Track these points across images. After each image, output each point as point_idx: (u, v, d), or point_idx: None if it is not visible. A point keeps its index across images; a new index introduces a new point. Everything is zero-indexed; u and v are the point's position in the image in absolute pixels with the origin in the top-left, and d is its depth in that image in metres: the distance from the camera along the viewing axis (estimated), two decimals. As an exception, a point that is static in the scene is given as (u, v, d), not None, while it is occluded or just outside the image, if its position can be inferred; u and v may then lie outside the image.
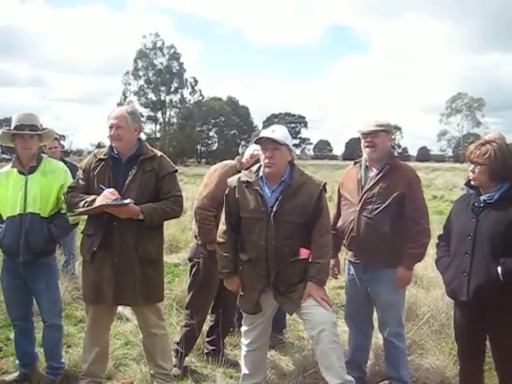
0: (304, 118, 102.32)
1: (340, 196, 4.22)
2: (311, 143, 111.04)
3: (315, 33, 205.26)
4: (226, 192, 3.66)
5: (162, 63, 75.58)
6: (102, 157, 3.83)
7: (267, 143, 3.47)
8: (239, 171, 3.96)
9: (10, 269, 4.08)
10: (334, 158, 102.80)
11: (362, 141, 4.02)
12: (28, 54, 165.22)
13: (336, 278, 4.51)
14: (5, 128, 4.18)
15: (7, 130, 4.07)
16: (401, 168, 3.98)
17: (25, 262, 3.95)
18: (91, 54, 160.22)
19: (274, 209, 3.45)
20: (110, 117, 3.80)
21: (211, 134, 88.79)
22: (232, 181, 3.67)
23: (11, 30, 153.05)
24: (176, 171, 3.99)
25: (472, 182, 3.35)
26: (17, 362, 4.32)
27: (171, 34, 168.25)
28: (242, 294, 3.65)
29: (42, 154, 4.29)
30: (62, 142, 7.63)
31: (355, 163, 4.21)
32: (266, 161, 3.46)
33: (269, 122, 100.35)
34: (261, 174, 3.56)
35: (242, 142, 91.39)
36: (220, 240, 3.68)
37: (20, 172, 4.04)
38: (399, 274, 3.88)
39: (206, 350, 4.66)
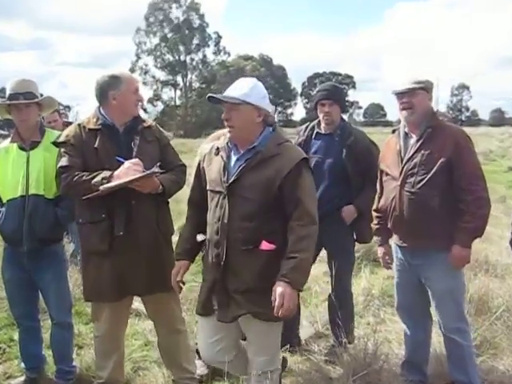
0: (352, 77, 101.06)
1: (381, 172, 4.24)
2: (361, 107, 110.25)
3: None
4: (198, 162, 3.63)
5: (178, 18, 75.53)
6: (93, 127, 3.82)
7: (224, 102, 3.28)
8: None
9: (12, 259, 4.20)
10: (389, 124, 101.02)
11: (398, 103, 4.00)
12: (28, 13, 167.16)
13: (389, 269, 4.53)
14: None
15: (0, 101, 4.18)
16: (445, 129, 3.92)
17: (29, 251, 4.04)
18: (100, 10, 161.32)
19: (232, 179, 3.25)
20: (134, 79, 3.95)
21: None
22: (205, 148, 3.64)
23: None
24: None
25: None
26: (22, 365, 4.46)
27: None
28: (179, 279, 3.50)
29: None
30: (67, 113, 7.76)
31: (393, 131, 4.22)
32: (225, 123, 3.32)
33: (310, 83, 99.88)
34: (227, 139, 3.43)
35: (279, 108, 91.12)
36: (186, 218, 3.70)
37: (21, 148, 4.13)
38: (454, 253, 3.82)
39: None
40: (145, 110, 74.48)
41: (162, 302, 3.97)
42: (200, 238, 3.49)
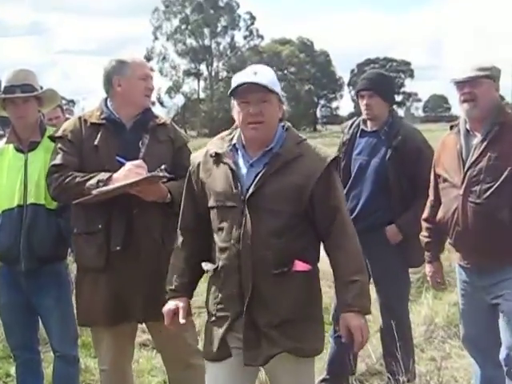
0: (409, 64, 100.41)
1: (436, 176, 4.17)
2: (420, 100, 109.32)
3: None
4: (188, 174, 3.38)
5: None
6: (95, 121, 3.87)
7: (249, 92, 3.05)
8: None
9: (8, 280, 4.25)
10: (454, 119, 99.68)
11: (458, 93, 3.92)
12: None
13: (440, 290, 4.48)
14: None
15: None
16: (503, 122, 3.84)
17: (27, 270, 4.08)
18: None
19: (251, 190, 3.04)
20: (143, 64, 3.99)
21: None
22: (196, 157, 3.37)
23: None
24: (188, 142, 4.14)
25: None
26: (20, 405, 4.51)
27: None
28: (182, 321, 3.22)
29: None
30: (71, 109, 7.82)
31: (451, 127, 4.15)
32: (250, 119, 3.06)
33: (359, 71, 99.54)
34: (235, 140, 3.22)
35: (322, 102, 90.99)
36: (176, 243, 3.41)
37: (17, 149, 4.18)
38: None
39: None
40: (161, 104, 75.14)
41: (170, 330, 3.74)
42: (208, 267, 3.20)
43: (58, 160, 3.78)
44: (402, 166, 4.55)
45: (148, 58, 72.19)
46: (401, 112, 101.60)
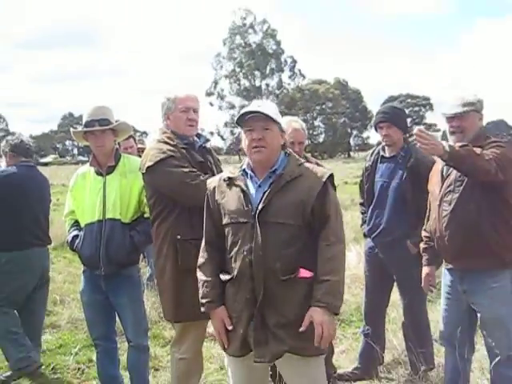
0: (429, 99, 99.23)
1: (429, 193, 4.15)
2: (439, 130, 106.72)
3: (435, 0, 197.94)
4: (206, 197, 3.34)
5: (254, 42, 76.81)
6: (182, 145, 3.92)
7: (253, 121, 3.07)
8: None
9: (90, 282, 4.31)
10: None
11: (447, 125, 3.89)
12: (109, 43, 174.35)
13: (431, 292, 4.43)
14: (74, 127, 4.44)
15: (75, 129, 4.32)
16: (483, 146, 3.76)
17: (106, 274, 4.14)
18: (177, 40, 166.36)
19: (260, 206, 3.04)
20: (185, 98, 3.99)
21: (316, 123, 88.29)
22: (212, 182, 3.34)
23: (90, 19, 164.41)
24: None
25: None
26: (100, 386, 4.56)
27: (268, 12, 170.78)
28: (230, 328, 3.16)
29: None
30: (144, 139, 7.89)
31: None
32: (254, 144, 3.07)
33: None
34: (244, 166, 3.22)
35: (354, 132, 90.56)
36: (199, 260, 3.32)
37: (98, 173, 4.25)
38: None
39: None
40: (222, 137, 75.87)
41: None
42: (226, 277, 3.17)
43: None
44: (419, 184, 4.43)
45: (209, 95, 73.12)
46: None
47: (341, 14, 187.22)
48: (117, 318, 4.44)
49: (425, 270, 4.23)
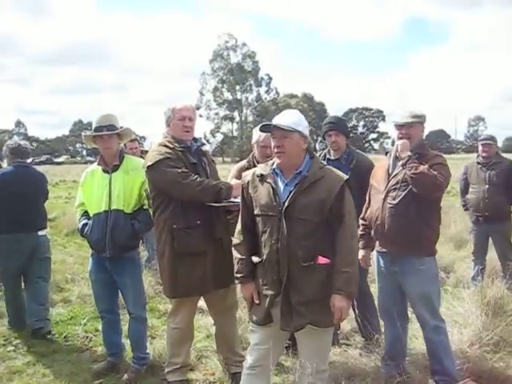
0: (382, 111, 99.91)
1: (370, 186, 4.17)
2: (389, 137, 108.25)
3: (391, 27, 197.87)
4: (241, 188, 3.35)
5: (235, 63, 76.75)
6: (179, 148, 3.88)
7: (275, 130, 3.10)
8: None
9: (97, 263, 4.29)
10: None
11: (397, 132, 3.96)
12: (113, 61, 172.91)
13: (366, 268, 4.44)
14: (84, 131, 4.41)
15: (87, 133, 4.30)
16: (428, 155, 3.89)
17: (110, 256, 4.12)
18: (170, 58, 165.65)
19: (286, 204, 3.05)
20: (182, 108, 3.95)
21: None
22: (246, 175, 3.34)
23: (96, 40, 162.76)
24: None
25: None
26: (105, 351, 4.55)
27: (248, 35, 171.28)
28: (257, 301, 3.22)
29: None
30: (142, 143, 7.89)
31: (386, 153, 4.15)
32: (275, 150, 3.12)
33: (346, 117, 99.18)
34: (274, 165, 3.21)
35: (319, 139, 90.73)
36: (235, 241, 3.36)
37: (104, 171, 4.23)
38: None
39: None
40: (207, 141, 75.64)
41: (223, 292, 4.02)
42: (256, 259, 3.21)
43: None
44: (362, 182, 4.31)
45: (198, 107, 72.84)
46: (376, 146, 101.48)
47: (310, 38, 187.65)
48: (119, 294, 4.42)
49: (361, 252, 4.19)
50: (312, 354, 3.17)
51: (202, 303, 4.78)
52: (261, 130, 3.28)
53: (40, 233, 5.34)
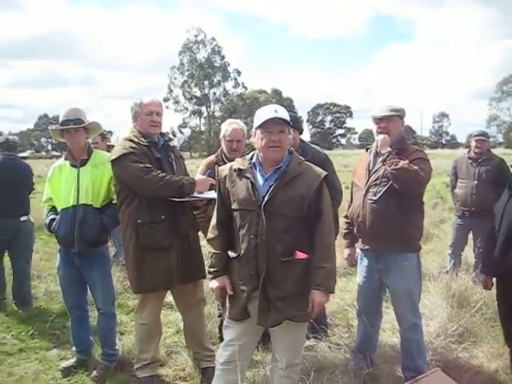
0: (349, 107, 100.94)
1: (352, 184, 4.17)
2: (356, 132, 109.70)
3: (358, 24, 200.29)
4: (217, 183, 3.31)
5: (204, 57, 76.41)
6: (144, 143, 3.84)
7: (272, 124, 3.02)
8: (224, 162, 4.02)
9: (65, 259, 4.22)
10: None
11: (375, 126, 3.94)
12: (80, 54, 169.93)
13: (352, 267, 4.50)
14: (51, 125, 4.34)
15: (53, 127, 4.23)
16: (408, 150, 3.87)
17: (79, 252, 4.06)
18: (139, 52, 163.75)
19: (266, 198, 3.01)
20: (149, 103, 3.92)
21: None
22: (223, 169, 3.28)
23: (63, 33, 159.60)
24: None
25: None
26: (73, 348, 4.47)
27: (217, 31, 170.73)
28: (231, 293, 3.18)
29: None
30: (109, 137, 7.80)
31: (367, 149, 4.13)
32: (271, 144, 3.02)
33: (313, 112, 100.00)
34: (254, 160, 3.16)
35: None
36: (209, 236, 3.30)
37: (72, 165, 4.16)
38: None
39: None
40: (174, 135, 75.16)
41: (189, 287, 4.02)
42: (233, 254, 3.17)
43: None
44: None
45: (166, 101, 72.38)
46: (343, 141, 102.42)
47: (279, 34, 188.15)
48: (88, 290, 4.36)
49: (346, 251, 4.25)
50: (287, 349, 3.17)
51: (170, 298, 4.77)
52: (260, 125, 3.06)
53: (22, 218, 5.87)
